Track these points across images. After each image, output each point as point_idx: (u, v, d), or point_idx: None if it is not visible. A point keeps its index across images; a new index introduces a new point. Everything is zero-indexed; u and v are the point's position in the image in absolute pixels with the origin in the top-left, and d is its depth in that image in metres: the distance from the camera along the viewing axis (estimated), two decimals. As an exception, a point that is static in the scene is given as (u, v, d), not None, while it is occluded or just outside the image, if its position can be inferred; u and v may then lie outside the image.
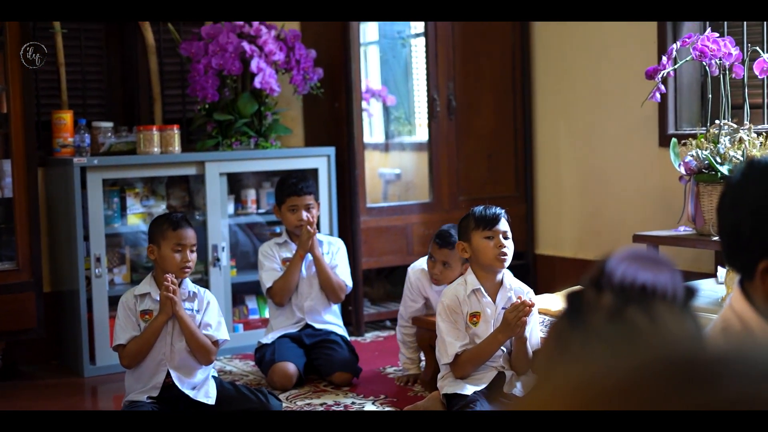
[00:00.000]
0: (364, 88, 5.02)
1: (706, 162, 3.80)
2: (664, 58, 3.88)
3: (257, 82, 4.62)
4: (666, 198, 4.60)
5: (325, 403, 3.79)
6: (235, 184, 4.81)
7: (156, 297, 3.56)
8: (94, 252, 4.32)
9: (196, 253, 3.66)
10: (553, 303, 3.87)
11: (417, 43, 5.34)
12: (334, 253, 4.28)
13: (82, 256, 4.31)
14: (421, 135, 5.33)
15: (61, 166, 4.39)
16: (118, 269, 4.55)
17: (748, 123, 3.88)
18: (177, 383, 3.52)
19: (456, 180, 5.15)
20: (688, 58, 3.90)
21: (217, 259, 4.54)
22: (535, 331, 3.49)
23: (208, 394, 3.57)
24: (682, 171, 3.89)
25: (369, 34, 5.45)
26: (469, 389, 3.42)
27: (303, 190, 4.19)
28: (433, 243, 3.96)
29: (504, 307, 3.45)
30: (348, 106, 4.84)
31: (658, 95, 3.86)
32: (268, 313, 4.41)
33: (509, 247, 3.48)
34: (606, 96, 5.00)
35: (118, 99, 4.90)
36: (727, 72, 3.87)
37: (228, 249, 4.60)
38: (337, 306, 4.34)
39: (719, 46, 3.81)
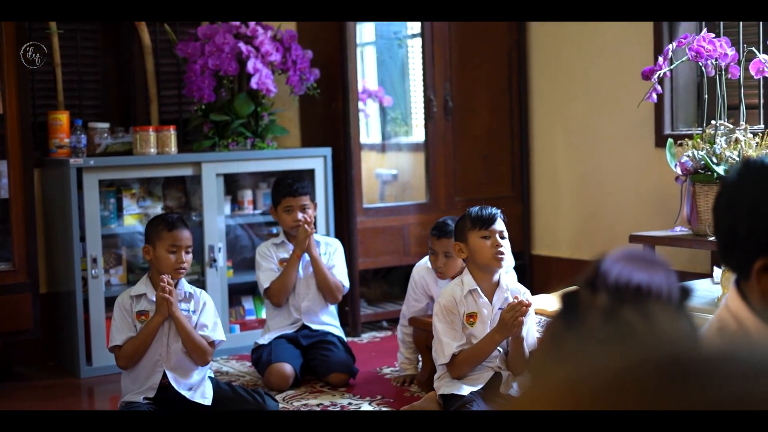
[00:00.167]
0: (360, 88, 5.02)
1: (702, 162, 3.80)
2: (660, 59, 3.89)
3: (254, 83, 4.62)
4: (662, 198, 4.60)
5: (321, 404, 3.79)
6: (232, 184, 4.81)
7: (152, 298, 3.56)
8: (90, 253, 4.32)
9: (192, 254, 3.66)
10: (549, 303, 3.87)
11: (413, 44, 5.34)
12: (332, 254, 4.28)
13: (78, 256, 4.30)
14: (418, 135, 5.33)
15: (58, 166, 4.39)
16: (115, 270, 4.54)
17: (744, 123, 3.88)
18: (173, 384, 3.52)
19: (452, 180, 5.15)
20: (684, 59, 3.91)
21: (214, 260, 4.54)
22: (532, 332, 3.49)
23: (205, 395, 3.57)
24: (679, 171, 3.89)
25: (365, 35, 5.45)
26: (465, 390, 3.42)
27: (299, 191, 4.18)
28: (431, 237, 3.96)
29: (501, 308, 3.45)
30: (344, 106, 4.84)
31: (655, 96, 3.87)
32: (264, 314, 4.40)
33: (506, 246, 3.49)
34: (602, 96, 5.00)
35: (114, 100, 4.89)
36: (723, 72, 3.88)
37: (225, 250, 4.59)
38: (333, 307, 4.33)
39: (715, 47, 3.82)
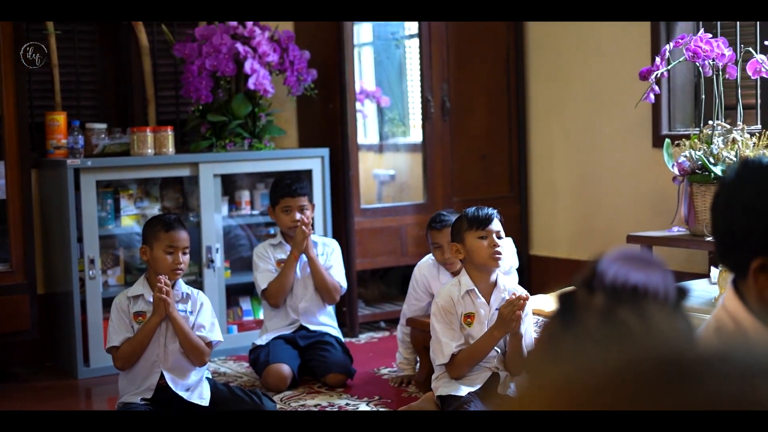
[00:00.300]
0: (358, 89, 5.02)
1: (700, 162, 3.80)
2: (658, 59, 3.89)
3: (251, 84, 4.62)
4: (659, 199, 4.60)
5: (319, 405, 3.78)
6: (229, 185, 4.81)
7: (149, 298, 3.56)
8: (87, 254, 4.31)
9: (190, 255, 3.66)
10: (546, 303, 3.87)
11: (411, 44, 5.34)
12: (329, 254, 4.28)
13: (75, 257, 4.30)
14: (415, 136, 5.33)
15: (55, 167, 4.38)
16: (112, 271, 4.54)
17: (741, 123, 3.88)
18: (171, 385, 3.52)
19: (450, 181, 5.15)
20: (681, 59, 3.91)
21: (212, 261, 4.54)
22: (529, 332, 3.49)
23: (202, 396, 3.56)
24: (676, 172, 3.90)
25: (363, 35, 5.45)
26: (463, 390, 3.42)
27: (296, 192, 4.18)
28: (430, 231, 3.95)
29: (498, 308, 3.45)
30: (342, 107, 4.84)
31: (652, 96, 3.87)
32: (262, 315, 4.40)
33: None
34: (599, 97, 5.01)
35: (111, 100, 4.89)
36: (721, 73, 3.88)
37: (222, 250, 4.59)
38: (331, 307, 4.33)
39: (712, 47, 3.82)
